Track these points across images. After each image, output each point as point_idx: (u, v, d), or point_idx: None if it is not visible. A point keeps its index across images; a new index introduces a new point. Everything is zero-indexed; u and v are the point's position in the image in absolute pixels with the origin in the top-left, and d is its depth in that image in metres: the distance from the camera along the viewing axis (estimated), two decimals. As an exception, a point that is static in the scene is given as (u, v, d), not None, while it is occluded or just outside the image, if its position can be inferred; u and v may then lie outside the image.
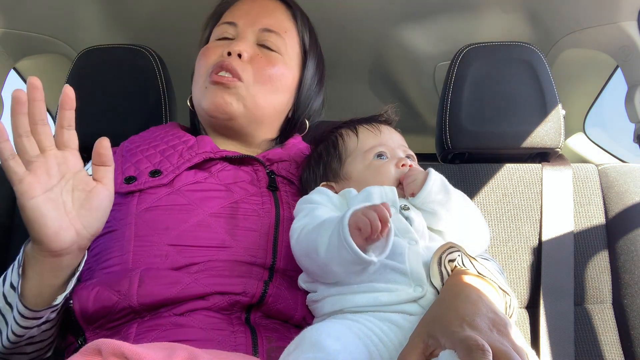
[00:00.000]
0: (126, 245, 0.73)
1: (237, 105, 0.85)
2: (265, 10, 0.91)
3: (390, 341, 0.58)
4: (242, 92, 0.85)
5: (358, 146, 0.81)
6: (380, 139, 0.81)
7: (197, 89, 0.89)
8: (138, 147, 0.86)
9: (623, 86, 1.26)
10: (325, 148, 0.84)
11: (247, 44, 0.87)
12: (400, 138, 0.85)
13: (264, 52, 0.88)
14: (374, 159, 0.79)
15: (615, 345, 0.99)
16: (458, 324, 0.51)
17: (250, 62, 0.86)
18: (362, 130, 0.83)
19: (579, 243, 1.05)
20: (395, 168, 0.77)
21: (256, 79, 0.86)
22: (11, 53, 1.36)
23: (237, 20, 0.90)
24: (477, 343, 0.47)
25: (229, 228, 0.74)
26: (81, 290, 0.71)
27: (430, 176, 0.71)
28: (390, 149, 0.80)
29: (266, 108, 0.88)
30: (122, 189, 0.77)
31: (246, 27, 0.89)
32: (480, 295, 0.56)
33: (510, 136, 1.11)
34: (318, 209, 0.71)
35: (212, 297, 0.68)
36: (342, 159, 0.81)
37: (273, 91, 0.88)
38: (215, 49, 0.89)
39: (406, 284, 0.62)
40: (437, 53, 1.54)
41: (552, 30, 1.39)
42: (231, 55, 0.85)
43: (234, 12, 0.92)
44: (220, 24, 0.92)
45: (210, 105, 0.85)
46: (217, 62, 0.85)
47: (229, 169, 0.82)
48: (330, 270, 0.63)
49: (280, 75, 0.88)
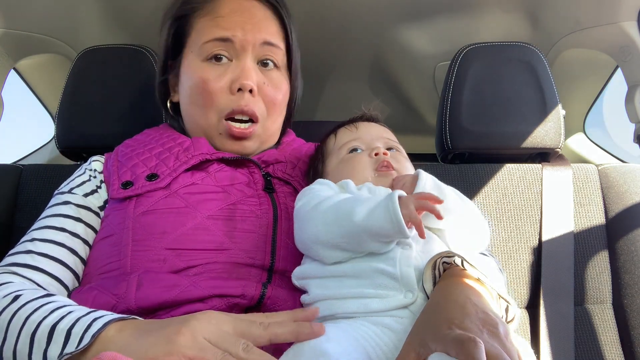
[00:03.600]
0: (124, 249, 0.72)
1: (254, 144, 0.86)
2: (258, 19, 0.84)
3: (385, 344, 0.58)
4: (258, 133, 0.85)
5: (335, 145, 0.83)
6: (355, 135, 0.82)
7: (204, 125, 0.84)
8: (133, 151, 0.84)
9: (623, 86, 1.26)
10: (315, 155, 0.87)
11: (253, 74, 0.82)
12: (383, 130, 0.85)
13: (266, 75, 0.85)
14: (347, 154, 0.80)
15: (615, 346, 0.99)
16: (447, 327, 0.50)
17: (259, 93, 0.83)
18: (340, 130, 0.85)
19: (579, 243, 1.04)
20: (369, 158, 0.78)
21: (269, 112, 0.86)
22: (11, 53, 1.36)
23: (233, 33, 0.81)
24: (468, 336, 0.46)
25: (227, 230, 0.74)
26: (80, 294, 0.71)
27: (421, 176, 0.72)
28: (367, 142, 0.81)
29: (275, 131, 0.90)
30: (119, 194, 0.77)
31: (245, 44, 0.82)
32: (469, 295, 0.55)
33: (510, 136, 1.11)
34: (324, 191, 0.73)
35: (210, 300, 0.67)
36: (323, 160, 0.84)
37: (280, 114, 0.89)
38: (216, 80, 0.82)
39: (396, 289, 0.62)
40: (437, 53, 1.54)
41: (552, 30, 1.39)
42: (242, 92, 0.81)
43: (221, 23, 0.82)
44: (210, 40, 0.82)
45: (226, 150, 0.85)
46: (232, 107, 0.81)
47: (226, 169, 0.82)
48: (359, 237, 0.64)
49: (284, 95, 0.88)
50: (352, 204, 0.66)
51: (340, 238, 0.65)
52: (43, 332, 0.58)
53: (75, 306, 0.62)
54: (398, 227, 0.61)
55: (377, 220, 0.62)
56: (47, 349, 0.57)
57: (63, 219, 0.78)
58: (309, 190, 0.75)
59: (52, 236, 0.75)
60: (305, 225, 0.69)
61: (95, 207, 0.81)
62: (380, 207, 0.62)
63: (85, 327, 0.57)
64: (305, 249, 0.71)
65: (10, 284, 0.68)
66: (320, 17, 0.98)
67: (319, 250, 0.68)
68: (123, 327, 0.57)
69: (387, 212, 0.61)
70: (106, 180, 0.83)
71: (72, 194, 0.81)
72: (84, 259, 0.77)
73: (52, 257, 0.74)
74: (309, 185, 0.80)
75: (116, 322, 0.57)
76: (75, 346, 0.55)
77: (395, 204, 0.61)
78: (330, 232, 0.66)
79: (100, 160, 0.87)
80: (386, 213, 0.61)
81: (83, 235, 0.78)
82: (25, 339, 0.59)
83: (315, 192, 0.73)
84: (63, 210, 0.79)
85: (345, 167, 0.79)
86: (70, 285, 0.75)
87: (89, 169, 0.86)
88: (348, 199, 0.68)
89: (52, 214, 0.79)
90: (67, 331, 0.57)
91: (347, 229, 0.64)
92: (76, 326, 0.57)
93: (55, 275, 0.73)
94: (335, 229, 0.65)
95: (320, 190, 0.73)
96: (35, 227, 0.78)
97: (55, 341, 0.57)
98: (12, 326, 0.61)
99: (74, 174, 0.87)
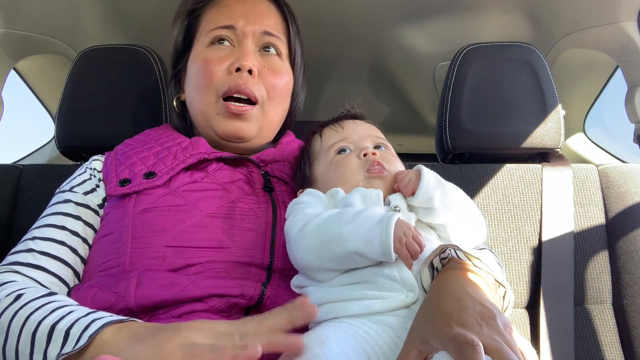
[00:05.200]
0: (123, 247, 0.72)
1: (252, 129, 0.85)
2: (261, 10, 0.89)
3: (385, 343, 0.58)
4: (257, 115, 0.85)
5: (321, 147, 0.81)
6: (342, 135, 0.80)
7: (203, 107, 0.86)
8: (132, 150, 0.85)
9: (623, 86, 1.26)
10: (300, 156, 0.85)
11: (253, 55, 0.84)
12: (369, 128, 0.83)
13: (268, 61, 0.87)
14: (335, 155, 0.78)
15: (615, 346, 0.99)
16: (446, 324, 0.50)
17: (259, 76, 0.84)
18: (325, 131, 0.83)
19: (579, 243, 1.04)
20: (357, 159, 0.76)
21: (268, 96, 0.85)
22: (11, 53, 1.36)
23: (235, 22, 0.85)
24: (465, 339, 0.46)
25: (226, 228, 0.74)
26: (79, 291, 0.71)
27: (424, 172, 0.71)
28: (354, 142, 0.79)
29: (276, 121, 0.90)
30: (116, 191, 0.78)
31: (246, 31, 0.85)
32: (465, 288, 0.55)
33: (510, 136, 1.11)
34: (311, 207, 0.71)
35: (210, 299, 0.67)
36: (311, 162, 0.81)
37: (281, 102, 0.89)
38: (218, 61, 0.84)
39: (398, 290, 0.62)
40: (437, 53, 1.54)
41: (552, 30, 1.39)
42: (240, 72, 0.82)
43: (225, 12, 0.87)
44: (214, 28, 0.86)
45: (225, 133, 0.85)
46: (229, 85, 0.82)
47: (225, 168, 0.82)
48: (349, 259, 0.63)
49: (286, 84, 0.88)
50: (338, 227, 0.64)
51: (329, 263, 0.64)
52: (43, 332, 0.58)
53: (76, 306, 0.62)
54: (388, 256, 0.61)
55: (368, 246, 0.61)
56: (47, 349, 0.57)
57: (63, 217, 0.78)
58: (296, 207, 0.72)
59: (52, 234, 0.76)
60: (293, 251, 0.68)
61: (95, 205, 0.81)
62: (377, 230, 0.61)
63: (83, 327, 0.57)
64: (300, 271, 0.71)
65: (12, 282, 0.68)
66: (320, 17, 0.98)
67: (312, 273, 0.67)
68: (119, 330, 0.57)
69: (382, 233, 0.60)
70: (104, 178, 0.83)
71: (72, 192, 0.82)
72: (84, 257, 0.77)
73: (53, 255, 0.74)
74: (297, 195, 0.78)
75: (113, 324, 0.57)
76: (73, 346, 0.56)
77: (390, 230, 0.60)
78: (319, 258, 0.65)
79: (100, 159, 0.88)
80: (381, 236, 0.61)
81: (82, 233, 0.78)
82: (26, 339, 0.59)
83: (302, 209, 0.70)
84: (64, 208, 0.79)
85: (334, 171, 0.77)
86: (71, 283, 0.75)
87: (89, 167, 0.86)
88: (333, 218, 0.66)
89: (53, 212, 0.79)
90: (65, 331, 0.57)
91: (336, 254, 0.63)
92: (74, 327, 0.57)
93: (57, 273, 0.73)
94: (323, 254, 0.64)
95: (307, 207, 0.71)
96: (37, 226, 0.78)
97: (54, 341, 0.57)
98: (14, 325, 0.61)
99: (75, 172, 0.87)
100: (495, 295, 0.62)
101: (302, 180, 0.82)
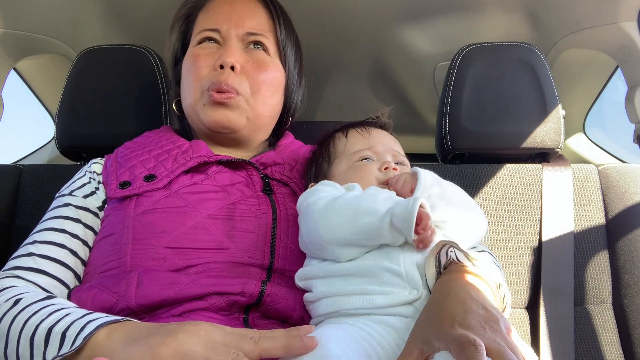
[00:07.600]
0: (123, 248, 0.73)
1: (239, 118, 0.85)
2: (245, 11, 0.89)
3: (387, 344, 0.58)
4: (242, 105, 0.85)
5: (346, 148, 0.83)
6: (368, 143, 0.82)
7: (191, 101, 0.87)
8: (132, 152, 0.86)
9: (623, 86, 1.26)
10: (319, 151, 0.86)
11: (236, 52, 0.85)
12: (393, 142, 0.85)
13: (252, 56, 0.88)
14: (358, 161, 0.80)
15: (615, 346, 0.99)
16: (449, 325, 0.51)
17: (242, 71, 0.85)
18: (351, 133, 0.85)
19: (579, 243, 1.05)
20: (378, 171, 0.78)
21: (253, 89, 0.86)
22: (11, 53, 1.36)
23: (220, 26, 0.87)
24: (468, 339, 0.47)
25: (226, 230, 0.75)
26: (80, 292, 0.71)
27: (420, 171, 0.72)
28: (378, 153, 0.81)
29: (266, 115, 0.89)
30: (117, 194, 0.78)
31: (230, 33, 0.87)
32: (470, 292, 0.56)
33: (510, 136, 1.11)
34: (332, 191, 0.73)
35: (210, 297, 0.68)
36: (330, 160, 0.83)
37: (269, 96, 0.89)
38: (205, 57, 0.86)
39: (401, 286, 0.62)
40: (437, 53, 1.54)
41: (552, 30, 1.39)
42: (224, 69, 0.84)
43: (212, 16, 0.89)
44: (201, 30, 0.89)
45: (212, 122, 0.85)
46: (212, 80, 0.83)
47: (225, 171, 0.83)
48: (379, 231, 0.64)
49: (273, 79, 0.89)
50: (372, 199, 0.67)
51: (356, 235, 0.65)
52: (40, 336, 0.58)
53: (73, 308, 0.62)
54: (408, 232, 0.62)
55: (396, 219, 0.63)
56: (45, 352, 0.57)
57: (63, 220, 0.79)
58: (315, 190, 0.74)
59: (52, 238, 0.76)
60: (318, 223, 0.69)
61: (94, 208, 0.82)
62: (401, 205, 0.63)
63: (79, 329, 0.57)
64: (317, 249, 0.70)
65: (12, 288, 0.68)
66: (320, 17, 0.98)
67: (334, 249, 0.67)
68: (113, 330, 0.57)
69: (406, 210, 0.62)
70: (104, 181, 0.83)
71: (72, 195, 0.82)
72: (84, 259, 0.78)
73: (53, 258, 0.74)
74: (309, 182, 0.80)
75: (108, 325, 0.57)
76: (69, 348, 0.56)
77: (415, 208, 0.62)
78: (347, 229, 0.66)
79: (100, 162, 0.89)
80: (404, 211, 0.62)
81: (82, 236, 0.78)
82: (25, 343, 0.59)
83: (323, 192, 0.73)
84: (63, 212, 0.80)
85: (354, 173, 0.79)
86: (72, 285, 0.75)
87: (88, 171, 0.87)
88: (366, 193, 0.69)
89: (52, 216, 0.80)
90: (62, 334, 0.57)
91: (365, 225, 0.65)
92: (70, 329, 0.58)
93: (57, 276, 0.73)
94: (352, 225, 0.66)
95: (327, 191, 0.73)
96: (37, 230, 0.78)
97: (52, 344, 0.57)
98: (13, 330, 0.61)
99: (74, 176, 0.88)
100: (497, 297, 0.62)
101: (316, 174, 0.83)
